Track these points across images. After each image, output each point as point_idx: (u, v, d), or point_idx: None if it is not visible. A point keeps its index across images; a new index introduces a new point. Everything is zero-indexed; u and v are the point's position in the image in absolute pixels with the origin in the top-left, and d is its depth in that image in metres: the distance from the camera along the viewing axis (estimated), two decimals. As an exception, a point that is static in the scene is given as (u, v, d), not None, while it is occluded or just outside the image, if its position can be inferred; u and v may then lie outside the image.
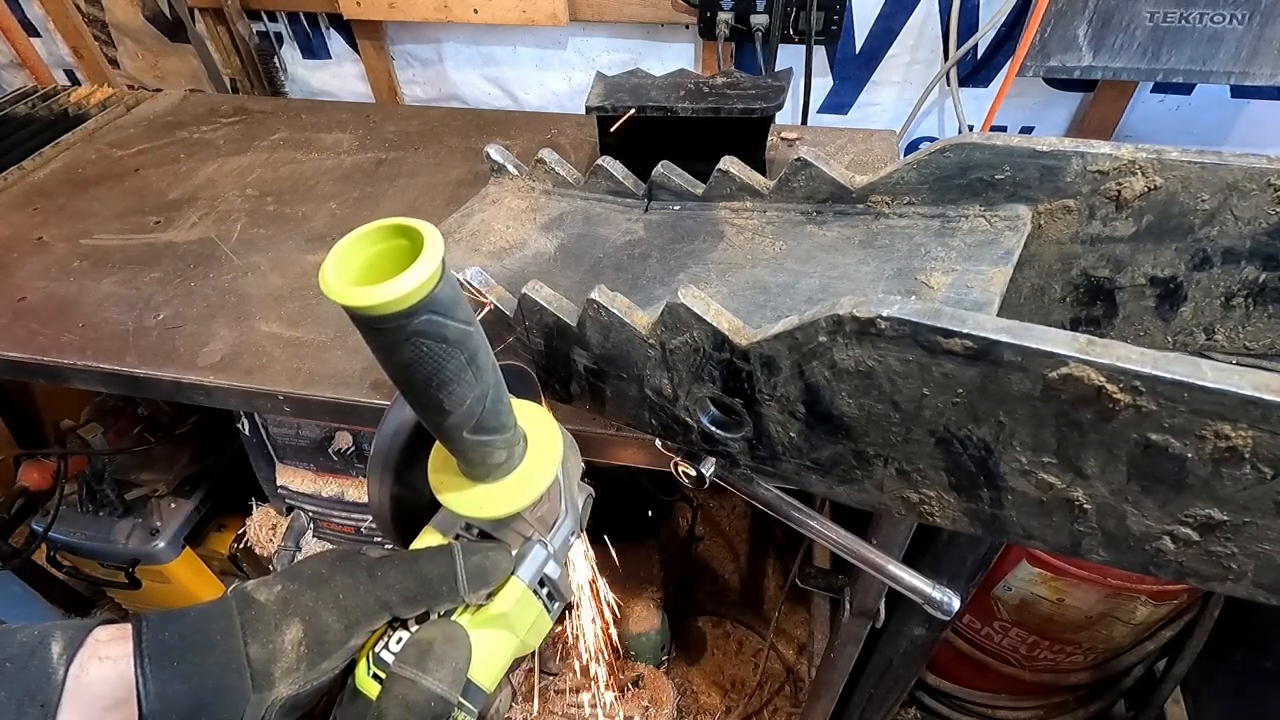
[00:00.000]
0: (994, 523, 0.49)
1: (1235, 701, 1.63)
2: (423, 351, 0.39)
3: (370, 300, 0.35)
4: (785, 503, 0.70)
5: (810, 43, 1.55)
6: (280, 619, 0.47)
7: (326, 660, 0.47)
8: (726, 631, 2.00)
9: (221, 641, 0.46)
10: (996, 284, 0.55)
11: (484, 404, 0.45)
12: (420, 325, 0.37)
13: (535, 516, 0.54)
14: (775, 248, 0.69)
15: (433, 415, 0.45)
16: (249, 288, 1.08)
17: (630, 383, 0.62)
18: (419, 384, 0.42)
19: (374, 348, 0.40)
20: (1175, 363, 0.35)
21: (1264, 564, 0.41)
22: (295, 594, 0.48)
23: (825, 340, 0.46)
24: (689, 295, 0.52)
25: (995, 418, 0.43)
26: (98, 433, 1.52)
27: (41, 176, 1.39)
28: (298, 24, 1.90)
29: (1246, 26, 1.30)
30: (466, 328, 0.40)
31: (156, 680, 0.43)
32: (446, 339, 0.39)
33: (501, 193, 0.90)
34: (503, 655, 0.52)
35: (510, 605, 0.51)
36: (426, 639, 0.48)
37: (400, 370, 0.41)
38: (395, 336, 0.38)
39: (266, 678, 0.46)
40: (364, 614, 0.48)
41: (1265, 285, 0.56)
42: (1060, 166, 0.57)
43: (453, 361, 0.41)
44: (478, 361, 0.42)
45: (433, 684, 0.45)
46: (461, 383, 0.42)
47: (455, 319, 0.39)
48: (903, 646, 1.21)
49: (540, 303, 0.62)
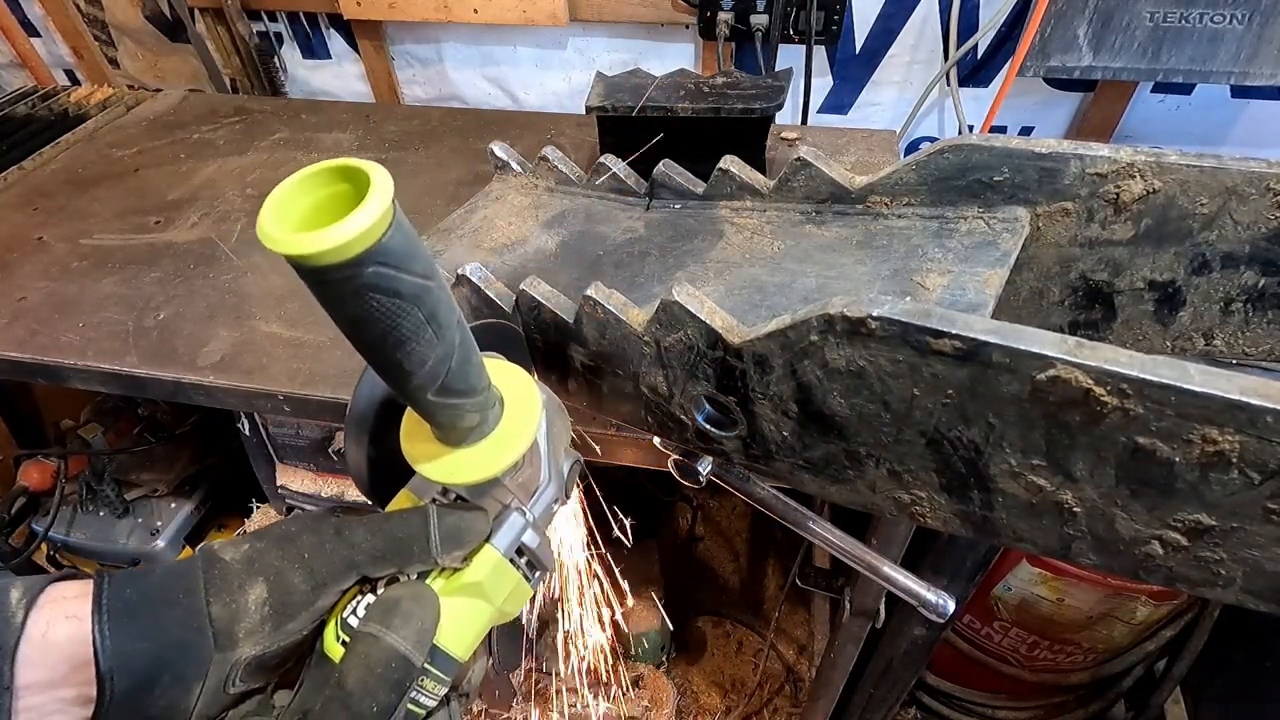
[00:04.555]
0: (985, 525, 0.49)
1: (1235, 701, 1.63)
2: (373, 307, 0.36)
3: (308, 248, 0.32)
4: (781, 502, 0.70)
5: (810, 43, 1.55)
6: (244, 578, 0.46)
7: (292, 621, 0.46)
8: (726, 631, 2.00)
9: (183, 600, 0.45)
10: (992, 286, 0.55)
11: (448, 365, 0.42)
12: (369, 278, 0.34)
13: (515, 483, 0.52)
14: (774, 247, 0.69)
15: (393, 376, 0.42)
16: (249, 288, 1.08)
17: (626, 380, 0.62)
18: (373, 342, 0.39)
19: (322, 302, 0.36)
20: (1162, 366, 0.35)
21: (1253, 570, 0.41)
22: (261, 553, 0.47)
23: (817, 339, 0.46)
24: (683, 293, 0.52)
25: (985, 419, 0.43)
26: (98, 433, 1.52)
27: (41, 176, 1.39)
28: (298, 24, 1.90)
29: (1246, 26, 1.30)
30: (424, 282, 0.37)
31: (115, 637, 0.42)
32: (400, 293, 0.36)
33: (505, 190, 0.90)
34: (477, 623, 0.50)
35: (484, 574, 0.49)
36: (393, 597, 0.46)
37: (351, 327, 0.38)
38: (342, 290, 0.35)
39: (229, 637, 0.45)
40: (330, 574, 0.47)
41: (1264, 291, 0.56)
42: (1059, 169, 0.57)
43: (409, 319, 0.37)
44: (438, 319, 0.39)
45: (396, 641, 0.43)
46: (420, 341, 0.39)
47: (410, 272, 0.36)
48: (903, 646, 1.21)
49: (537, 299, 0.62)
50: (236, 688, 0.46)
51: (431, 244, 0.81)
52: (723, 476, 0.70)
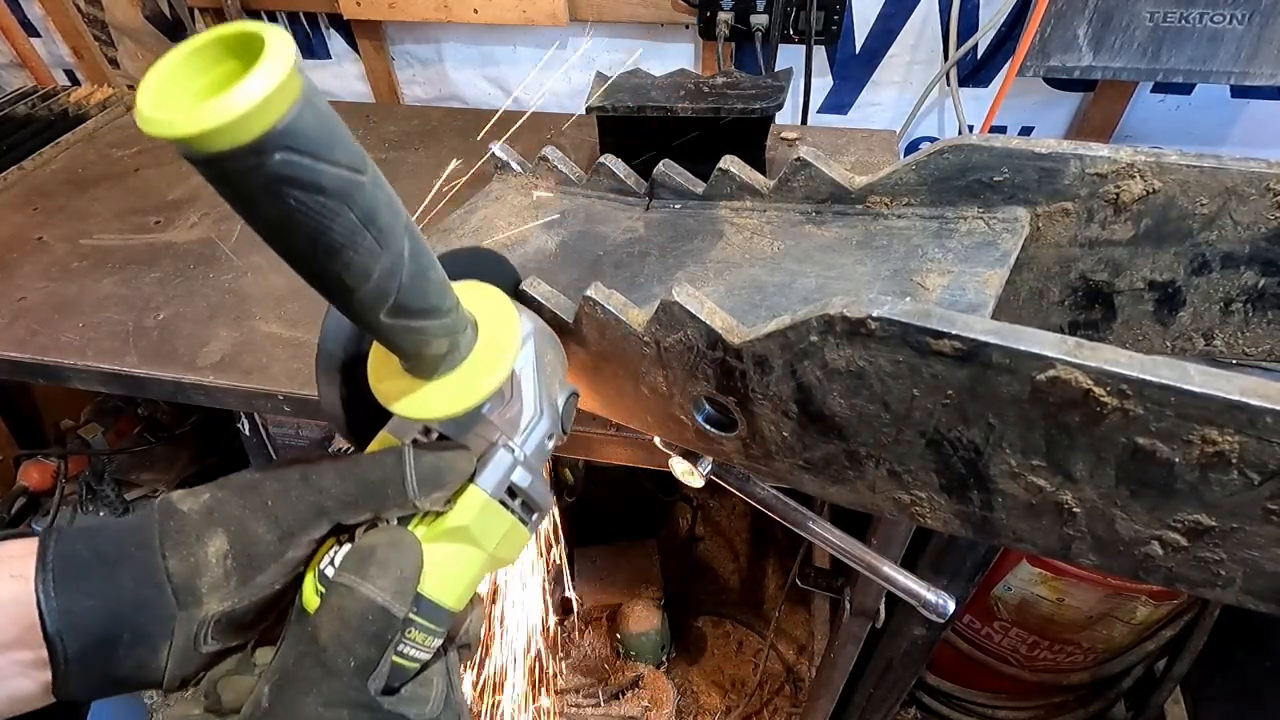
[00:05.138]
0: (985, 525, 0.49)
1: (1235, 701, 1.63)
2: (290, 205, 0.30)
3: (187, 129, 0.26)
4: (781, 502, 0.71)
5: (810, 43, 1.55)
6: (203, 529, 0.43)
7: (261, 575, 0.43)
8: (726, 631, 2.00)
9: (136, 554, 0.42)
10: (992, 286, 0.55)
11: (398, 278, 0.36)
12: (277, 166, 0.28)
13: (502, 418, 0.48)
14: (773, 247, 0.69)
15: (335, 295, 0.36)
16: (249, 288, 1.08)
17: (626, 380, 0.62)
18: (301, 252, 0.33)
19: (232, 204, 0.31)
20: (1162, 366, 0.35)
21: (1252, 570, 0.40)
22: (220, 502, 0.44)
23: (816, 340, 0.46)
24: (683, 293, 0.52)
25: (985, 420, 0.43)
26: (98, 433, 1.52)
27: (41, 176, 1.39)
28: (298, 24, 1.90)
29: (1246, 26, 1.30)
30: (352, 176, 0.31)
31: (61, 596, 0.40)
32: (322, 188, 0.30)
33: (505, 190, 0.90)
34: (469, 571, 0.46)
35: (471, 517, 0.45)
36: (369, 544, 0.42)
37: (273, 235, 0.32)
38: (249, 185, 0.29)
39: (191, 593, 0.42)
40: (298, 522, 0.43)
41: (1265, 291, 0.56)
42: (1059, 169, 0.57)
43: (339, 220, 0.31)
44: (377, 222, 0.33)
45: (372, 591, 0.39)
46: (359, 250, 0.33)
47: (331, 163, 0.30)
48: (903, 646, 1.21)
49: (537, 299, 0.62)
50: (209, 645, 0.43)
51: (431, 244, 0.81)
52: (722, 476, 0.70)
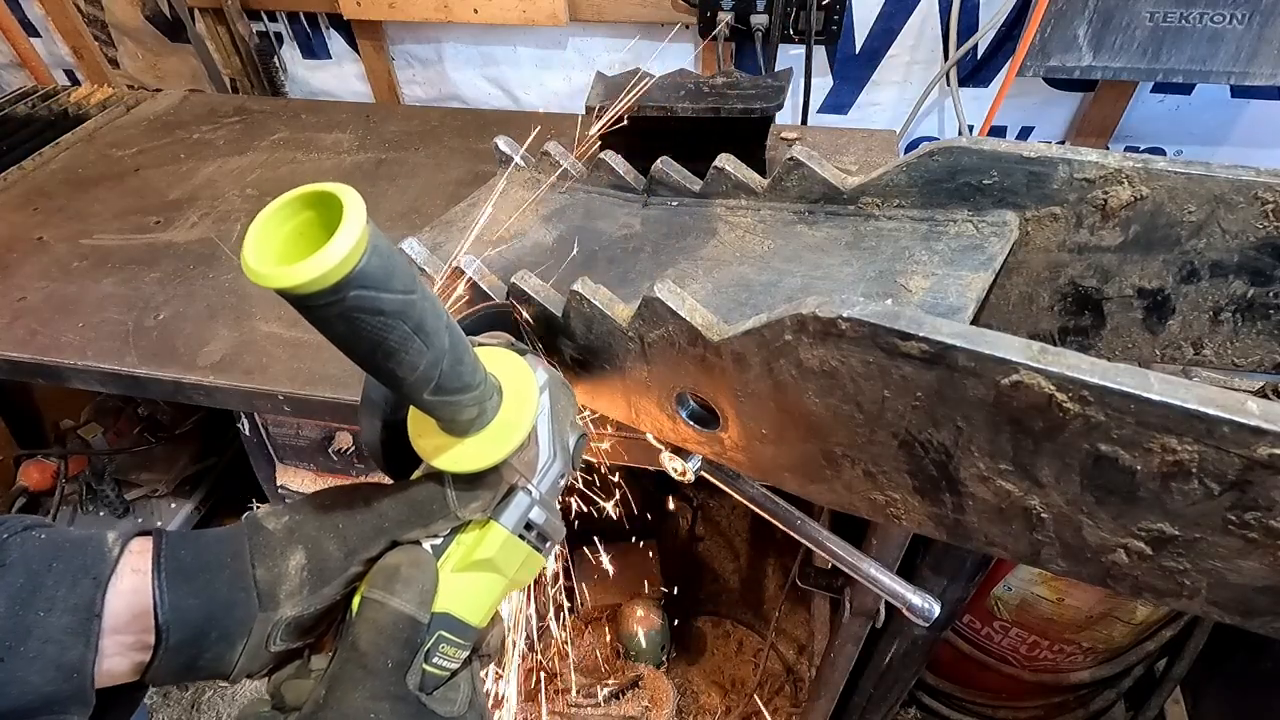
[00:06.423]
0: (957, 528, 0.50)
1: (1235, 701, 1.63)
2: (359, 326, 0.37)
3: (286, 282, 0.33)
4: (771, 500, 0.71)
5: (810, 43, 1.55)
6: (286, 545, 0.51)
7: (327, 586, 0.51)
8: (726, 631, 2.00)
9: (231, 563, 0.50)
10: (974, 290, 0.55)
11: (440, 368, 0.43)
12: (351, 301, 0.35)
13: (522, 461, 0.54)
14: (764, 246, 0.69)
15: (388, 382, 0.44)
16: (249, 288, 1.08)
17: (613, 374, 0.63)
18: (363, 355, 0.40)
19: (310, 323, 0.37)
20: (1123, 374, 0.35)
21: (1217, 581, 0.40)
22: (300, 524, 0.52)
23: (791, 339, 0.46)
24: (664, 290, 0.52)
25: (953, 422, 0.43)
26: (98, 433, 1.53)
27: (41, 176, 1.39)
28: (298, 24, 1.91)
29: (1246, 26, 1.30)
30: (406, 297, 0.38)
31: (172, 593, 0.47)
32: (383, 311, 0.37)
33: (507, 184, 0.91)
34: (491, 594, 0.54)
35: (494, 551, 0.52)
36: (393, 564, 0.50)
37: (341, 343, 0.39)
38: (327, 314, 0.36)
39: (272, 598, 0.50)
40: (361, 541, 0.51)
41: (1253, 301, 0.56)
42: (1047, 173, 0.57)
43: (395, 332, 0.39)
44: (425, 329, 0.40)
45: (401, 605, 0.47)
46: (410, 351, 0.40)
47: (391, 291, 0.37)
48: (903, 646, 1.21)
49: (528, 292, 0.63)
50: (277, 646, 0.51)
51: (432, 236, 0.82)
52: (713, 473, 0.70)
